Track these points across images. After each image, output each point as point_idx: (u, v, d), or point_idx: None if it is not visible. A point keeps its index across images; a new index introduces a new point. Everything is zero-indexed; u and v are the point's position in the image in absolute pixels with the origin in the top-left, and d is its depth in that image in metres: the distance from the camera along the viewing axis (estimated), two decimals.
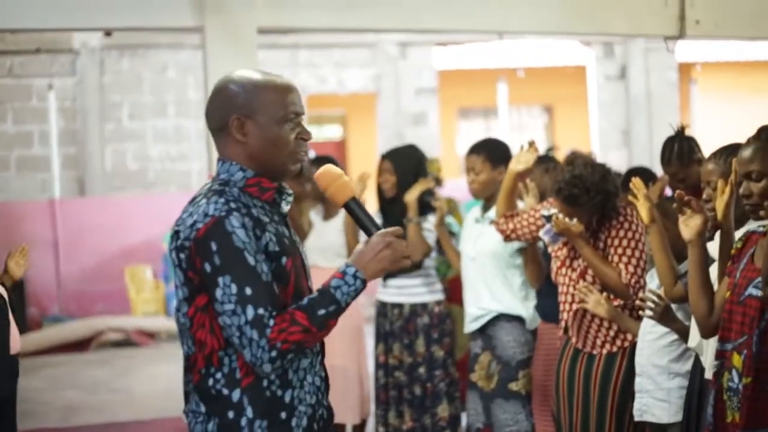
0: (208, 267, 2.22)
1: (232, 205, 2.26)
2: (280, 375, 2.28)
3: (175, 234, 2.30)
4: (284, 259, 2.30)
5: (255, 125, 2.35)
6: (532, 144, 4.44)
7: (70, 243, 11.11)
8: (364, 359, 5.62)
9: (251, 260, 2.22)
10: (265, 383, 2.27)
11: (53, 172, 11.94)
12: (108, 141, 12.23)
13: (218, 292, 2.21)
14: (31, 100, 12.00)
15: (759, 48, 13.01)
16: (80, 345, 10.16)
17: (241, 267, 2.21)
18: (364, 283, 2.30)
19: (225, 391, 2.27)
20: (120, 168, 12.29)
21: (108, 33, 10.12)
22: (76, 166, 12.13)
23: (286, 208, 2.43)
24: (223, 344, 2.26)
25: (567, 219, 4.00)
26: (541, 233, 4.25)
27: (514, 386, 4.61)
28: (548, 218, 4.14)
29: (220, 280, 2.21)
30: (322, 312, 2.24)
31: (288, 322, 2.21)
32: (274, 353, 2.19)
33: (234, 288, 2.20)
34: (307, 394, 2.33)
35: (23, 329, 10.10)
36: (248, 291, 2.20)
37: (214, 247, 2.21)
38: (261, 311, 2.20)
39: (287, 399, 2.29)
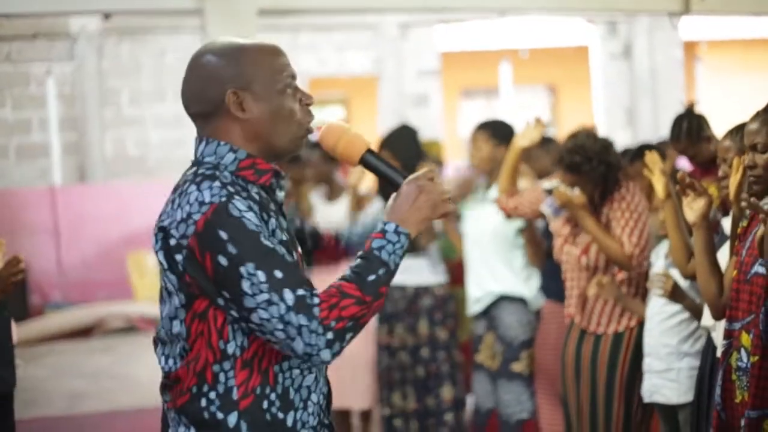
0: (222, 260, 1.88)
1: (230, 189, 1.93)
2: (280, 395, 1.98)
3: (162, 231, 1.96)
4: (294, 254, 2.02)
5: (254, 98, 2.01)
6: (539, 121, 4.42)
7: (71, 230, 11.06)
8: (372, 345, 5.56)
9: (269, 243, 1.90)
10: (265, 404, 1.96)
11: (53, 159, 11.88)
12: (108, 127, 12.17)
13: (245, 284, 1.87)
14: (30, 86, 11.92)
15: (764, 25, 12.93)
16: (83, 332, 10.12)
17: (262, 251, 1.88)
18: (408, 237, 1.98)
19: (219, 415, 1.95)
20: (120, 154, 12.23)
21: (106, 17, 10.03)
22: (76, 153, 12.07)
23: (281, 196, 2.09)
24: (219, 357, 1.95)
25: (569, 190, 3.97)
26: (542, 207, 4.24)
27: (516, 367, 4.62)
28: (550, 191, 4.13)
29: (243, 269, 1.87)
30: (372, 278, 1.92)
31: (337, 297, 1.88)
32: (330, 335, 1.86)
33: (262, 275, 1.87)
34: (311, 416, 2.03)
35: (25, 317, 10.10)
36: (278, 274, 1.87)
37: (224, 235, 1.88)
38: (301, 292, 1.87)
39: (289, 423, 1.99)
